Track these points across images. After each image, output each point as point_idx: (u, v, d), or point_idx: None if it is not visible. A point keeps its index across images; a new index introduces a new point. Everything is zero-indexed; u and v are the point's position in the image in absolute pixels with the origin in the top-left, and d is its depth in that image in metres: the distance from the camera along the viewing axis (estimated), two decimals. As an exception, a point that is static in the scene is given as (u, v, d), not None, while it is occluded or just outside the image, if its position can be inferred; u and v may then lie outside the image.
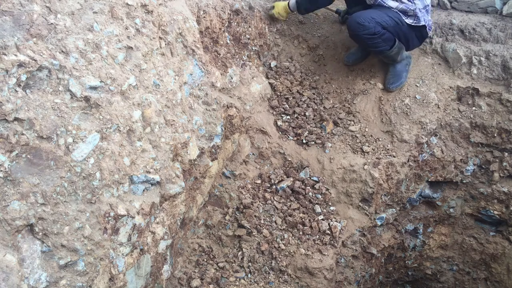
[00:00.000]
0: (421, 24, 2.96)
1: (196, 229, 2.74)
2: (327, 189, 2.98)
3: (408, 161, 3.07)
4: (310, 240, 2.74)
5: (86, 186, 1.67)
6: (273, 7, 3.33)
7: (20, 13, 1.53)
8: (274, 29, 3.48)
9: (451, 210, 3.41)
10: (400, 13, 2.92)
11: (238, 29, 3.15)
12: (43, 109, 1.56)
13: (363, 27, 2.85)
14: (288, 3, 3.24)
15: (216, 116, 2.52)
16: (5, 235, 1.45)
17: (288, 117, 3.22)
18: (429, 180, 3.28)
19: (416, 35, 3.04)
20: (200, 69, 2.46)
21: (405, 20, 2.92)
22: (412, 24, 2.94)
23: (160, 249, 2.15)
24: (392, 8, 2.91)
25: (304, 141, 3.10)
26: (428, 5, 2.98)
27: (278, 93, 3.30)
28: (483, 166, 3.21)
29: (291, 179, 2.94)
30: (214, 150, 2.53)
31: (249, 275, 2.64)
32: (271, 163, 3.05)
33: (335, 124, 3.19)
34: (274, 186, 2.91)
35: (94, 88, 1.73)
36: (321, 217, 2.83)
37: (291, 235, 2.75)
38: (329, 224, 2.81)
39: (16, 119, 1.47)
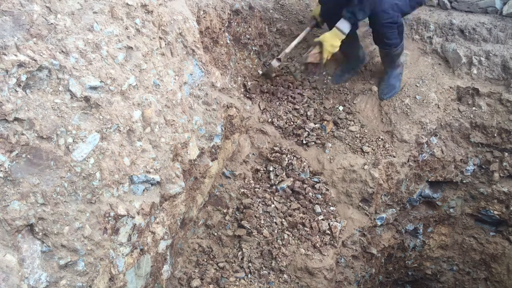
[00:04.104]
0: None
1: (196, 229, 2.74)
2: (327, 189, 2.98)
3: (408, 161, 3.07)
4: (310, 240, 2.74)
5: (86, 186, 1.67)
6: (317, 45, 2.84)
7: (20, 13, 1.53)
8: (274, 29, 3.48)
9: (451, 210, 3.41)
10: None
11: (238, 29, 3.15)
12: (43, 109, 1.56)
13: (387, 14, 2.77)
14: (338, 27, 2.78)
15: (216, 116, 2.52)
16: (5, 235, 1.45)
17: (288, 117, 3.22)
18: (429, 180, 3.28)
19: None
20: (200, 69, 2.46)
21: None
22: None
23: (160, 249, 2.15)
24: None
25: (304, 141, 3.10)
26: None
27: (278, 93, 3.30)
28: (483, 166, 3.21)
29: (291, 179, 2.94)
30: (214, 150, 2.53)
31: (249, 275, 2.64)
32: (271, 162, 3.05)
33: (335, 124, 3.19)
34: (274, 186, 2.91)
35: (94, 88, 1.73)
36: (321, 217, 2.83)
37: (291, 235, 2.75)
38: (329, 224, 2.81)
39: (16, 119, 1.47)
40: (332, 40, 2.79)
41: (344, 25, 2.79)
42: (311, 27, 3.20)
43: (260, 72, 3.24)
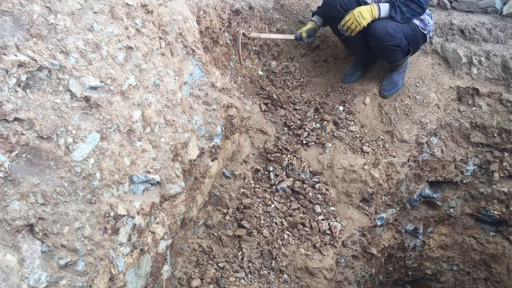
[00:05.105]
0: (427, 30, 2.95)
1: (196, 229, 2.74)
2: (327, 189, 2.98)
3: (408, 161, 3.07)
4: (310, 240, 2.74)
5: (86, 186, 1.67)
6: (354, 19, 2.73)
7: (20, 13, 1.53)
8: (274, 29, 3.48)
9: (451, 210, 3.41)
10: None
11: (238, 29, 3.15)
12: (43, 109, 1.56)
13: (392, 37, 2.75)
14: (377, 5, 2.76)
15: (216, 116, 2.52)
16: (5, 235, 1.45)
17: (288, 117, 3.22)
18: (429, 180, 3.28)
19: (423, 38, 3.00)
20: (200, 69, 2.46)
21: (414, 22, 2.87)
22: (420, 26, 2.91)
23: (160, 249, 2.15)
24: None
25: (304, 141, 3.10)
26: (430, 13, 2.99)
27: (278, 93, 3.30)
28: (483, 166, 3.21)
29: (291, 179, 2.94)
30: (214, 150, 2.53)
31: (249, 275, 2.64)
32: (271, 162, 3.05)
33: (335, 124, 3.19)
34: (274, 186, 2.91)
35: (94, 88, 1.73)
36: (321, 217, 2.83)
37: (291, 235, 2.75)
38: (329, 224, 2.81)
39: (16, 119, 1.47)
40: (364, 12, 2.72)
41: (384, 8, 2.75)
42: (294, 38, 3.12)
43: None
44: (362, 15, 2.71)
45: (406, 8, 2.73)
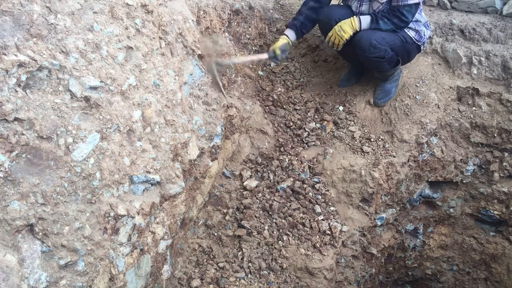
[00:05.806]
0: (422, 41, 2.94)
1: (196, 229, 2.74)
2: (327, 189, 2.97)
3: (408, 161, 3.07)
4: (310, 240, 2.74)
5: (86, 186, 1.67)
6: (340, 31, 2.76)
7: (20, 13, 1.53)
8: (274, 29, 3.48)
9: (451, 210, 3.41)
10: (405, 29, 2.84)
11: (238, 29, 3.15)
12: (43, 109, 1.56)
13: (375, 49, 2.73)
14: (358, 18, 2.78)
15: (216, 116, 2.52)
16: (5, 235, 1.45)
17: (288, 117, 3.22)
18: (429, 180, 3.28)
19: (416, 48, 2.97)
20: (200, 69, 2.46)
21: (407, 33, 2.85)
22: (414, 38, 2.89)
23: (160, 249, 2.15)
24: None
25: (304, 141, 3.10)
26: (427, 21, 2.97)
27: (278, 93, 3.30)
28: (483, 166, 3.21)
29: (291, 179, 2.94)
30: (214, 150, 2.53)
31: (249, 275, 2.64)
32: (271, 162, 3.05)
33: (335, 124, 3.19)
34: (274, 186, 2.91)
35: (94, 88, 1.73)
36: (321, 217, 2.83)
37: (291, 235, 2.75)
38: (329, 224, 2.81)
39: (16, 119, 1.47)
40: (344, 25, 2.77)
41: (364, 20, 2.77)
42: (268, 57, 2.84)
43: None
44: (343, 29, 2.76)
45: (389, 21, 2.75)
